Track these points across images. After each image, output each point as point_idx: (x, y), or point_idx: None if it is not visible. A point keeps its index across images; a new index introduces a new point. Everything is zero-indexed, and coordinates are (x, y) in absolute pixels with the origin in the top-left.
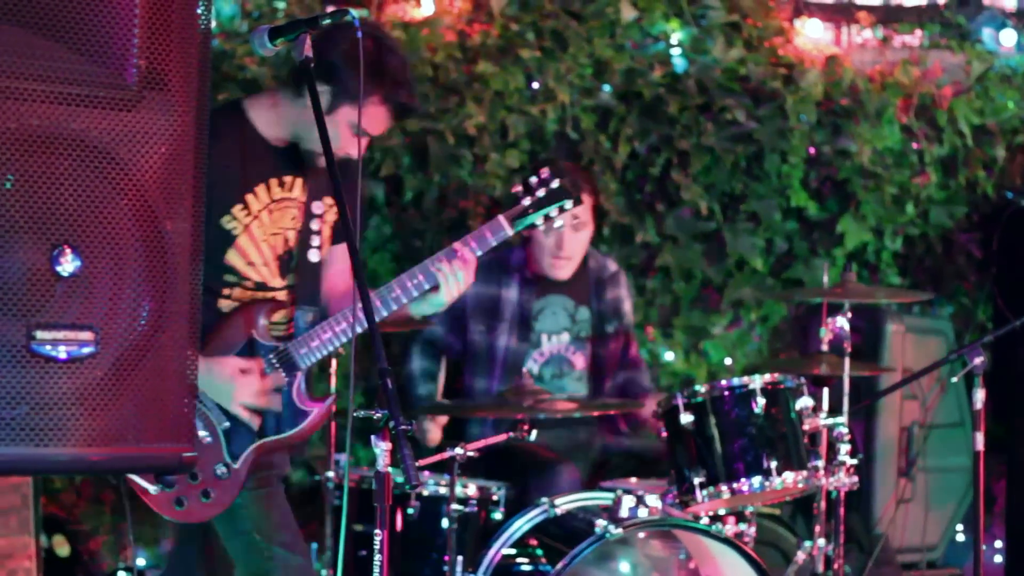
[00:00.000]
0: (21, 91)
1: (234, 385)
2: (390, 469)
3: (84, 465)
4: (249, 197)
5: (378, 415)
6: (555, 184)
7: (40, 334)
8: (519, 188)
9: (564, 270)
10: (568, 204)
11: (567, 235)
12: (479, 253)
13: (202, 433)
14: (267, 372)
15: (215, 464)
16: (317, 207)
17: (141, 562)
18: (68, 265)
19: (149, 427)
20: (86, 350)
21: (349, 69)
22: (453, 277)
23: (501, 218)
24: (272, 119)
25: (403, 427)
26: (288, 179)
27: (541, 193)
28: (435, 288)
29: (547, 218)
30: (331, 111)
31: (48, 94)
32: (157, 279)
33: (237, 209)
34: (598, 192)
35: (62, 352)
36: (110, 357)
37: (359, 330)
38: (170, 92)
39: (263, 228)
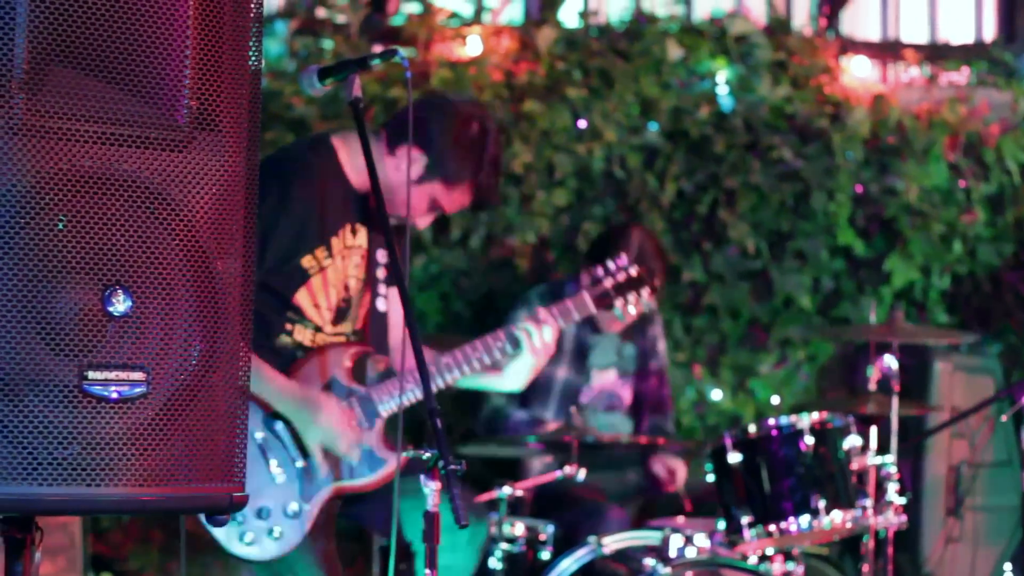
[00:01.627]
0: (74, 132)
1: (337, 431)
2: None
3: (135, 505)
4: (333, 240)
5: (427, 455)
6: (633, 271)
7: (92, 374)
8: (599, 270)
9: (616, 325)
10: (645, 292)
11: None
12: (561, 323)
13: (276, 470)
14: (361, 425)
15: (286, 503)
16: (381, 256)
17: None
18: (120, 305)
19: (200, 467)
20: (137, 390)
21: (453, 150)
22: (538, 333)
23: (585, 295)
24: (360, 166)
25: (452, 467)
26: (358, 226)
27: (621, 278)
28: (514, 344)
29: (624, 303)
30: (420, 181)
31: (100, 135)
32: (208, 319)
33: (320, 251)
34: (668, 263)
35: (113, 392)
36: (161, 397)
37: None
38: (221, 132)
39: (336, 273)
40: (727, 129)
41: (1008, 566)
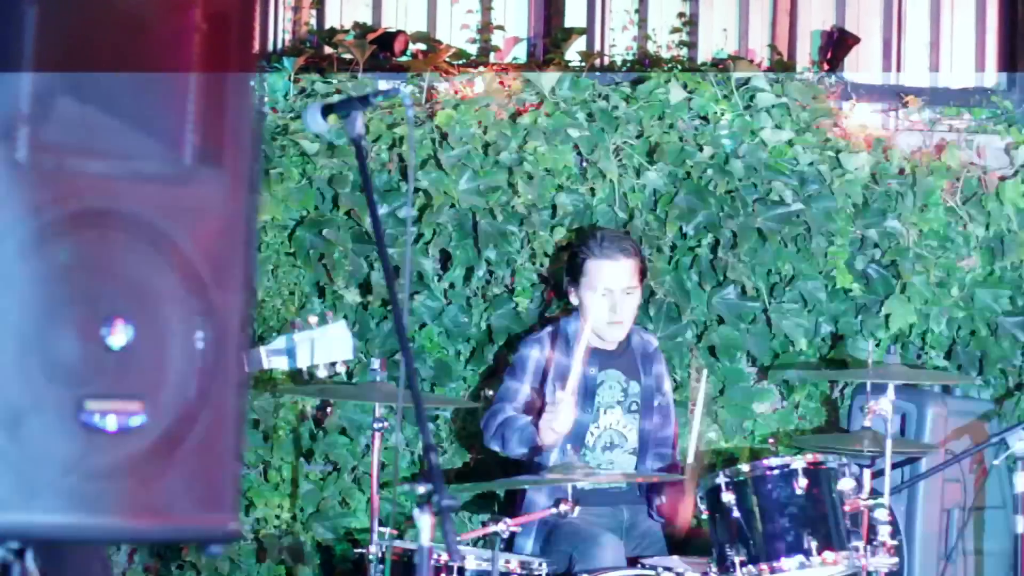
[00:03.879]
0: (77, 166)
1: None
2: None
3: (130, 535)
4: None
5: (422, 489)
6: None
7: (90, 404)
8: None
9: (620, 332)
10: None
11: (619, 298)
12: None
13: None
14: None
15: None
16: None
17: None
18: (119, 337)
19: (196, 498)
20: (135, 421)
21: None
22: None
23: None
24: None
25: (447, 503)
26: None
27: None
28: None
29: None
30: None
31: (103, 170)
32: (207, 352)
33: None
34: (642, 253)
35: (111, 423)
36: (159, 428)
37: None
38: (224, 168)
39: None
40: (728, 171)
41: None
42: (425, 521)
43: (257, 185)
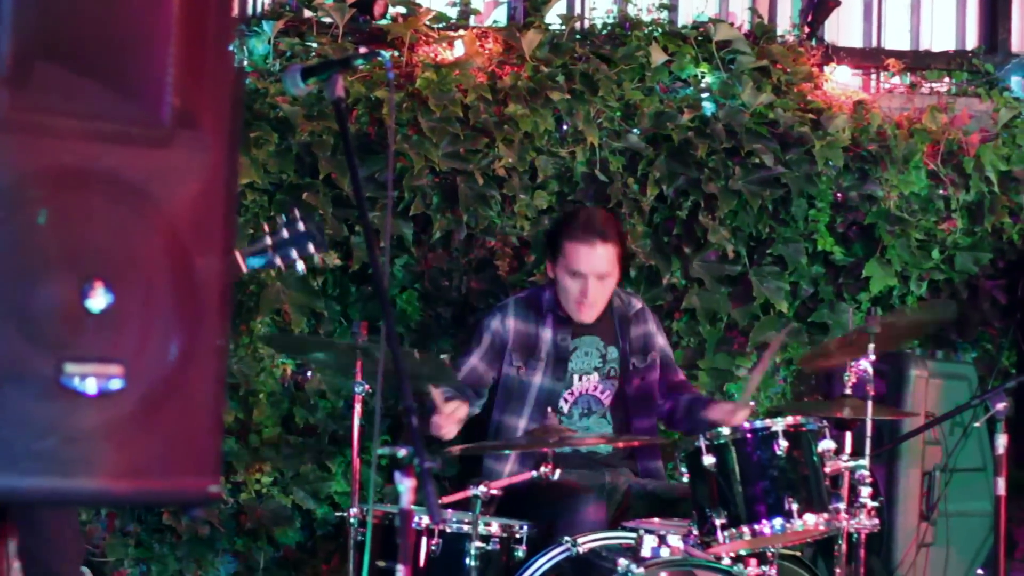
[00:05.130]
0: (55, 127)
1: None
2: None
3: (110, 498)
4: None
5: (403, 452)
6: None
7: (69, 368)
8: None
9: (587, 315)
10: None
11: (591, 283)
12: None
13: None
14: None
15: None
16: None
17: None
18: (99, 300)
19: (175, 461)
20: (115, 385)
21: None
22: None
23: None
24: None
25: (427, 464)
26: None
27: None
28: None
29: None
30: None
31: (82, 131)
32: (187, 315)
33: None
34: (624, 239)
35: (91, 386)
36: (138, 392)
37: None
38: (203, 130)
39: None
40: (709, 134)
41: (980, 572)
42: (406, 484)
43: (237, 148)
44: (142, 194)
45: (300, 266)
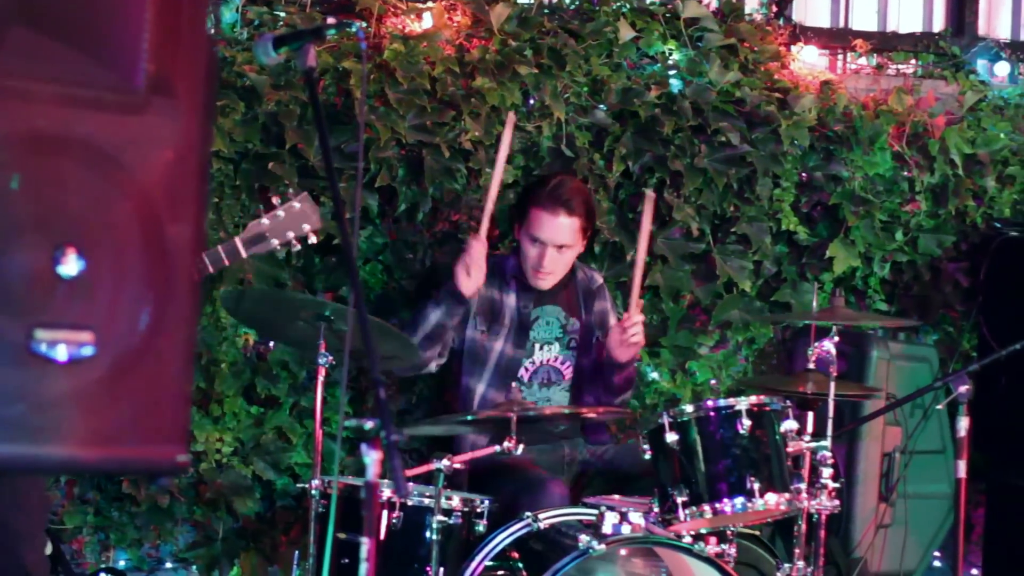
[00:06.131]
0: (29, 92)
1: None
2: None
3: (78, 466)
4: None
5: (370, 425)
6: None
7: (40, 334)
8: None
9: (543, 282)
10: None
11: (550, 253)
12: None
13: None
14: None
15: None
16: None
17: (123, 563)
18: (70, 266)
19: (144, 430)
20: (85, 351)
21: None
22: None
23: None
24: None
25: (394, 437)
26: None
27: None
28: None
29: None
30: None
31: (56, 96)
32: (158, 283)
33: None
34: (593, 213)
35: (61, 353)
36: (108, 359)
37: None
38: (177, 97)
39: None
40: (675, 111)
41: (937, 553)
42: (372, 456)
43: (211, 116)
44: (115, 161)
45: (297, 247)
